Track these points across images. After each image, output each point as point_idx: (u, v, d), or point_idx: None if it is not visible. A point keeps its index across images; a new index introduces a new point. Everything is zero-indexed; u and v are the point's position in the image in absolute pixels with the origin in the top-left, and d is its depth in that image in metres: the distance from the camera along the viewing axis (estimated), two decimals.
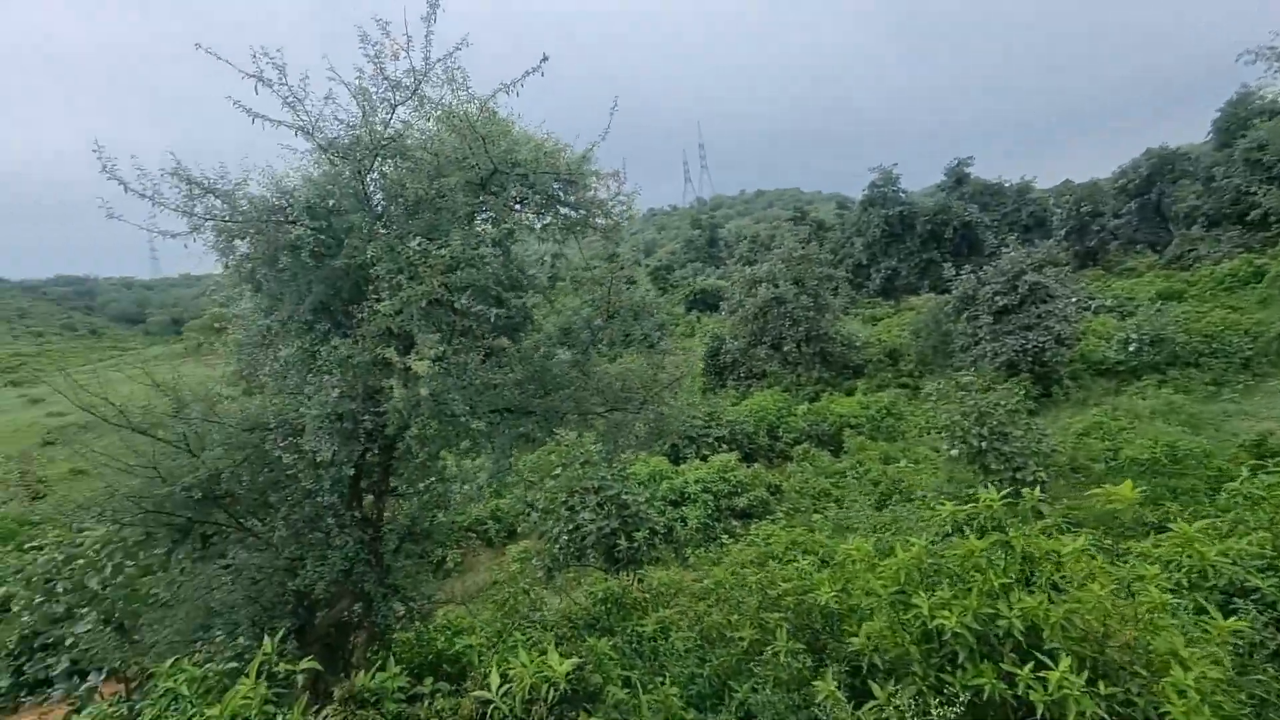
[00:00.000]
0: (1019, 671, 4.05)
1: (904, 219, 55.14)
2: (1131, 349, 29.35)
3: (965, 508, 5.01)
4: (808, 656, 6.36)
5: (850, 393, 34.46)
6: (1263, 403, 24.27)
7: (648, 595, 9.60)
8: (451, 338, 5.80)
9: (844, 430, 28.41)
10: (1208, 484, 15.90)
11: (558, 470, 16.61)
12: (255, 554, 7.32)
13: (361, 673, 4.84)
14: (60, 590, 7.81)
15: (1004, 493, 4.83)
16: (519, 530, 24.31)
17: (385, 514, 7.73)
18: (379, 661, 7.87)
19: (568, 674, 4.54)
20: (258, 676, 4.40)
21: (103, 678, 7.63)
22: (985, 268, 32.25)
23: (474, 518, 24.98)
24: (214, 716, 4.32)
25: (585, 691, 5.12)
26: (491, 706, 4.37)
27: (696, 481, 23.82)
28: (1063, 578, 4.92)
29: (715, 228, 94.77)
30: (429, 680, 5.71)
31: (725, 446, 27.47)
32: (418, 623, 8.29)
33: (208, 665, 5.92)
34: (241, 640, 6.75)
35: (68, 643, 7.43)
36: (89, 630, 7.32)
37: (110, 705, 7.00)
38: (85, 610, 7.46)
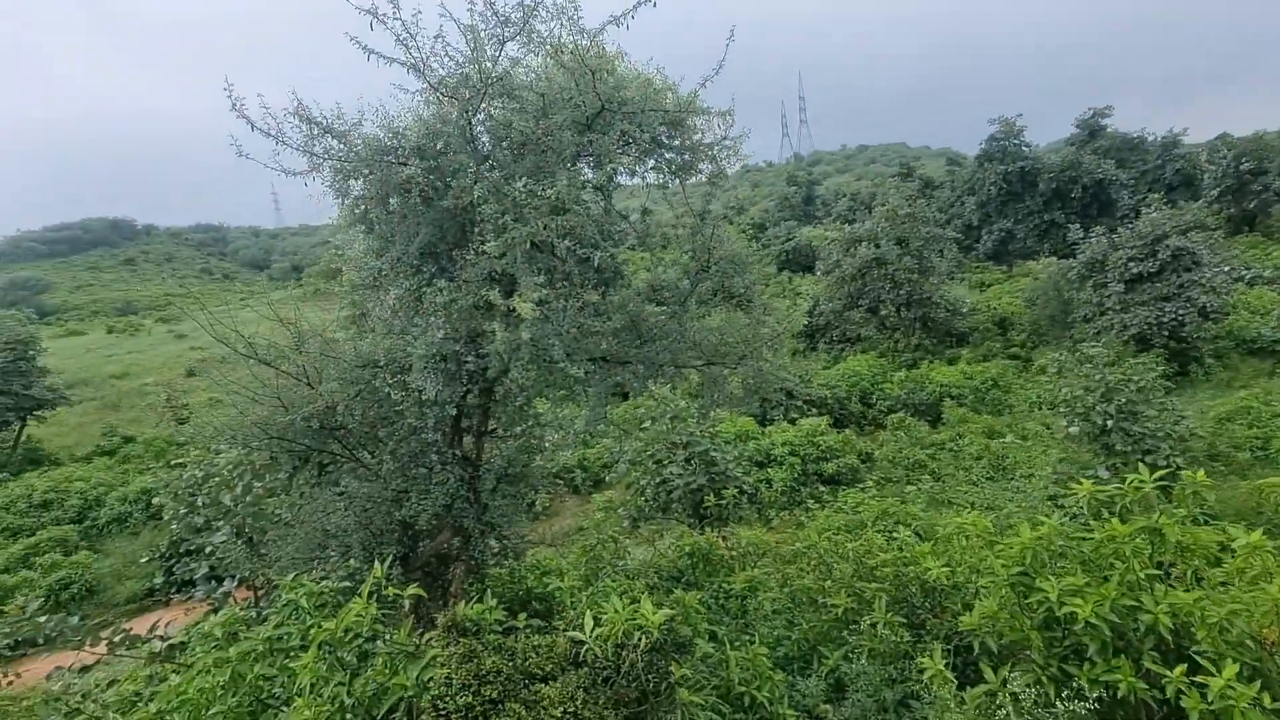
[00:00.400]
0: (1166, 673, 3.62)
1: (1025, 176, 50.55)
2: None
3: (1107, 488, 4.49)
4: (905, 631, 6.08)
5: (952, 362, 32.53)
6: None
7: (734, 553, 9.52)
8: (553, 283, 5.73)
9: (944, 401, 26.95)
10: None
11: (647, 423, 16.69)
12: (366, 484, 7.75)
13: (461, 603, 5.01)
14: (200, 504, 8.67)
15: (1158, 474, 4.28)
16: (605, 479, 24.87)
17: (484, 454, 7.96)
18: (476, 594, 8.27)
19: (660, 624, 4.49)
20: (368, 598, 4.62)
21: (235, 584, 8.42)
22: (1119, 230, 29.12)
23: (562, 465, 25.76)
24: (329, 629, 4.60)
25: (675, 642, 5.09)
26: (585, 648, 4.40)
27: (784, 444, 23.38)
28: (1208, 576, 4.36)
29: (813, 185, 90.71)
30: (522, 616, 5.87)
31: (815, 411, 26.75)
32: (511, 560, 8.60)
33: (324, 582, 6.36)
34: (353, 562, 7.20)
35: (206, 551, 8.26)
36: (224, 541, 8.11)
37: (241, 609, 7.73)
38: (220, 524, 8.27)
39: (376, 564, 4.85)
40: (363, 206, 6.39)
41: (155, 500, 10.14)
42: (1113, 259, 28.19)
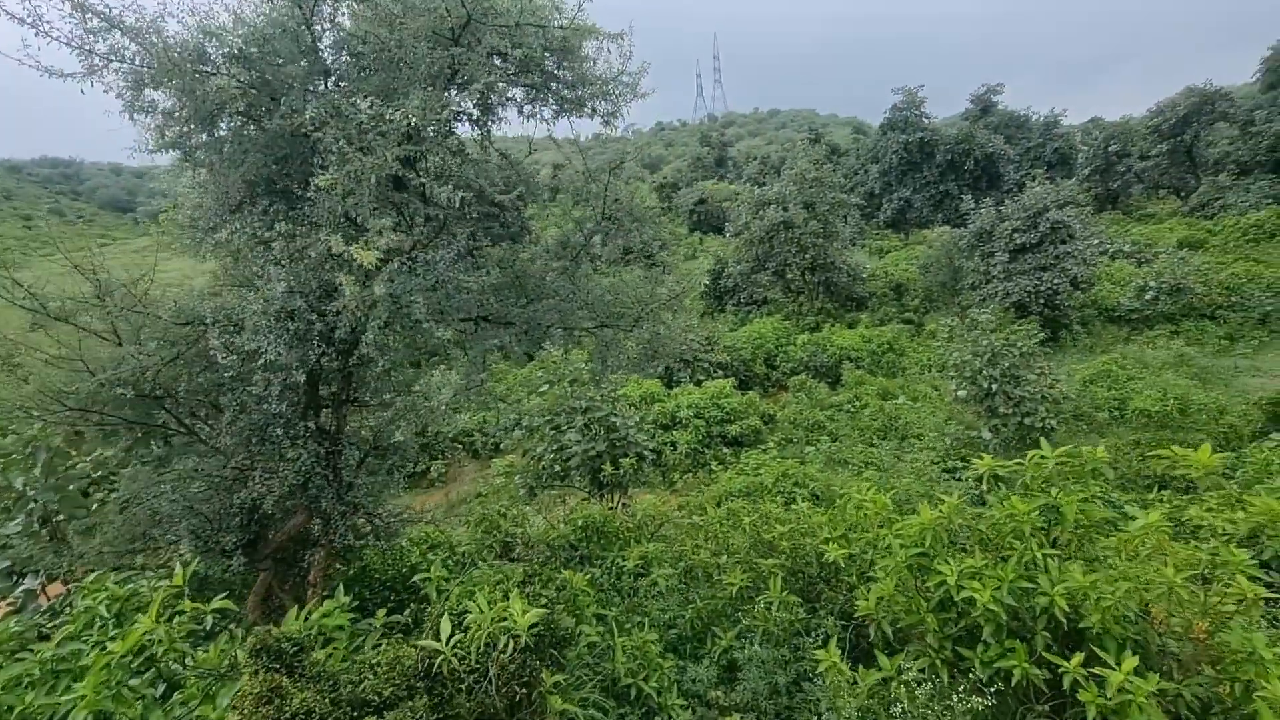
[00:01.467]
0: (1063, 664, 3.41)
1: (924, 146, 52.51)
2: (1148, 297, 28.36)
3: (1007, 464, 4.26)
4: (800, 608, 5.83)
5: (852, 325, 33.62)
6: (1276, 360, 23.58)
7: (631, 525, 9.10)
8: (412, 229, 4.85)
9: (843, 363, 27.78)
10: (1216, 441, 15.40)
11: (543, 387, 15.94)
12: (203, 460, 6.65)
13: (293, 611, 4.20)
14: None
15: (1059, 451, 4.07)
16: (503, 446, 24.03)
17: (346, 426, 7.01)
18: (340, 579, 7.39)
19: (530, 626, 3.90)
20: (160, 612, 3.73)
21: (42, 580, 7.12)
22: (1006, 203, 30.70)
23: (460, 429, 24.63)
24: (111, 653, 3.69)
25: (554, 637, 4.53)
26: (440, 659, 3.75)
27: (689, 406, 23.34)
28: (1100, 554, 4.26)
29: (725, 146, 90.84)
30: (380, 613, 5.13)
31: (721, 372, 26.88)
32: (384, 540, 7.76)
33: (135, 582, 5.34)
34: (185, 554, 6.15)
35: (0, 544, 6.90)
36: (18, 532, 6.76)
37: (45, 611, 6.50)
38: (14, 511, 6.89)
39: (179, 566, 3.94)
40: (173, 129, 5.17)
41: None
42: (1000, 229, 29.71)
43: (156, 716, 3.77)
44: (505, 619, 4.04)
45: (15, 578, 7.02)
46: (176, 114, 5.04)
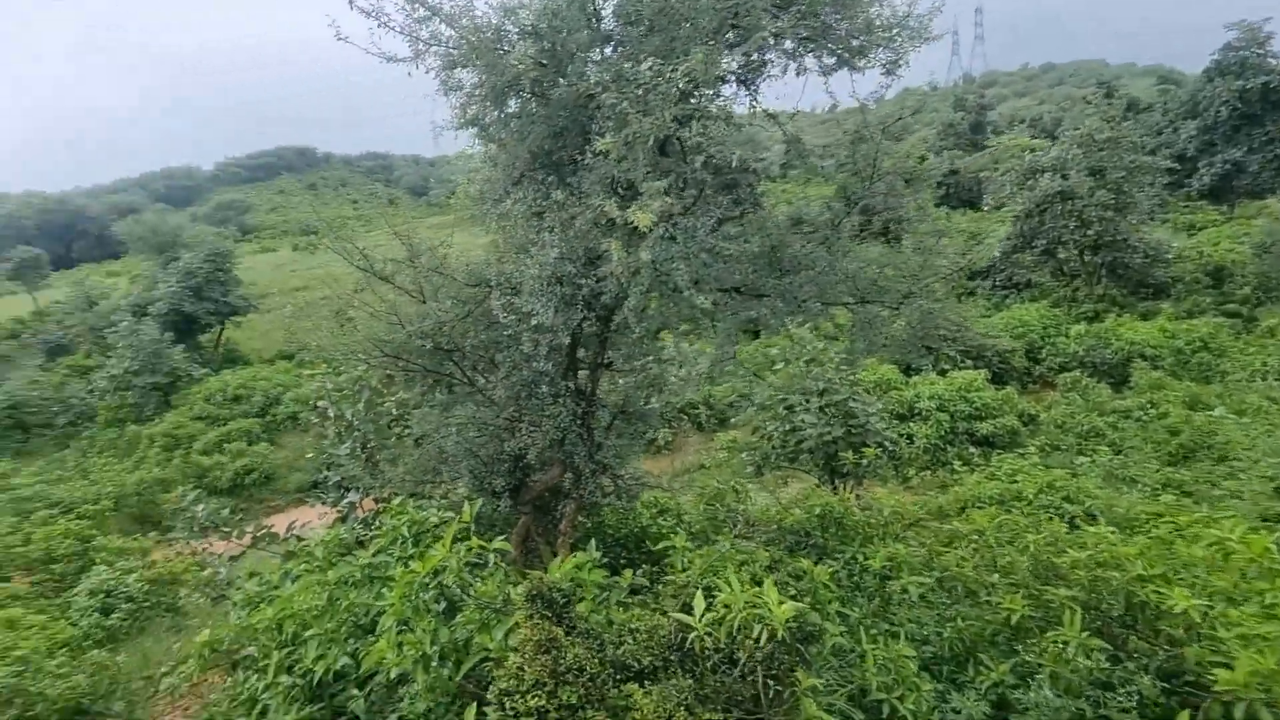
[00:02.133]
0: None
1: (1268, 94, 40.92)
2: None
3: None
4: (1101, 654, 4.78)
5: (1147, 316, 27.75)
6: None
7: (873, 520, 8.38)
8: (681, 193, 4.75)
9: (1133, 361, 23.08)
10: None
11: (779, 365, 15.46)
12: (479, 409, 7.44)
13: (560, 557, 4.43)
14: (331, 415, 8.96)
15: None
16: (730, 420, 24.11)
17: (599, 389, 7.35)
18: (585, 533, 7.86)
19: (786, 620, 3.62)
20: (453, 543, 4.13)
21: (361, 495, 8.64)
22: None
23: (687, 401, 25.24)
24: (414, 573, 4.19)
25: (803, 631, 4.22)
26: (693, 634, 3.65)
27: (931, 397, 21.19)
28: None
29: (984, 109, 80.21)
30: (627, 574, 5.25)
31: (970, 363, 23.98)
32: (624, 501, 8.09)
33: (430, 510, 6.13)
34: (462, 490, 6.97)
35: (336, 463, 8.53)
36: (347, 454, 8.32)
37: (355, 526, 7.86)
38: (343, 438, 8.49)
39: (467, 505, 4.35)
40: (474, 106, 5.69)
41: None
42: None
43: (444, 633, 4.22)
44: (758, 606, 3.81)
45: (343, 491, 8.62)
46: (476, 92, 5.52)
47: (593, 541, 5.45)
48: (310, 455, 25.29)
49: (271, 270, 64.18)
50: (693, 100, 4.33)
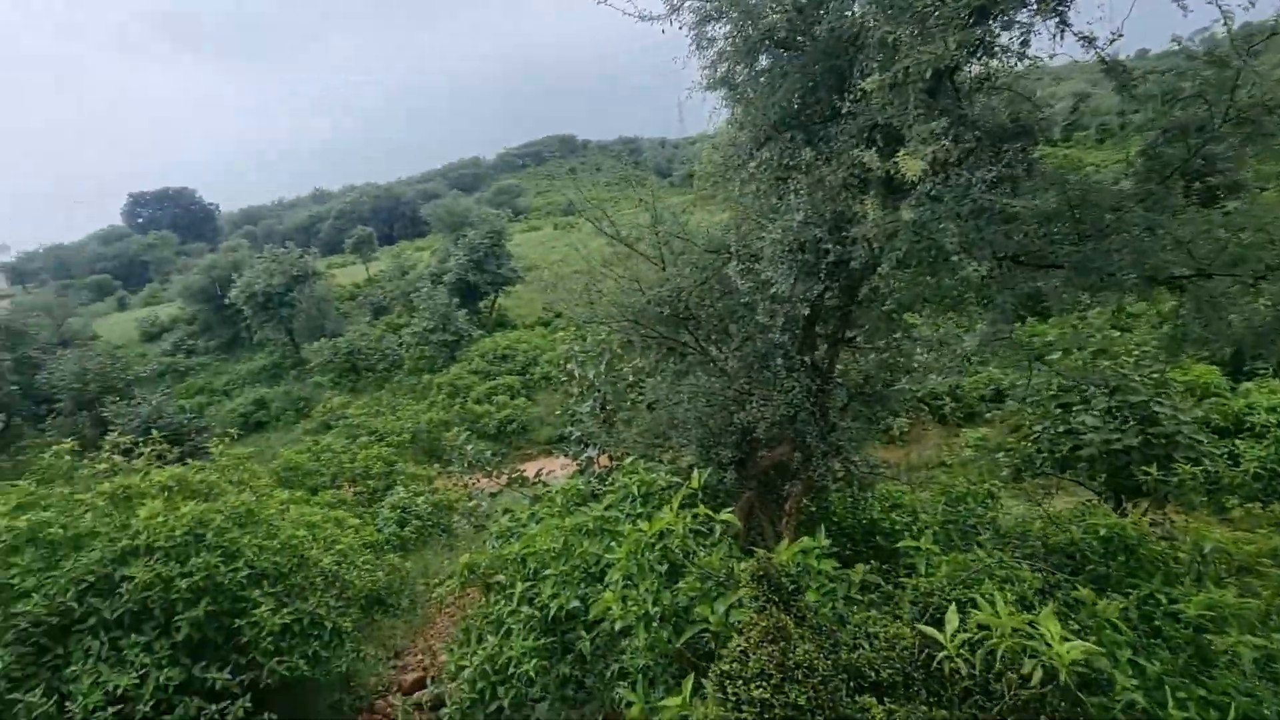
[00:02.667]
0: None
1: None
2: None
3: None
4: None
5: None
6: None
7: (1184, 554, 6.67)
8: (957, 139, 4.04)
9: None
10: None
11: (1053, 356, 13.08)
12: (711, 379, 7.40)
13: (784, 540, 4.15)
14: (576, 375, 9.69)
15: None
16: (982, 414, 21.38)
17: (837, 366, 6.82)
18: (813, 517, 7.45)
19: (1071, 663, 2.93)
20: (680, 509, 4.08)
21: (598, 451, 9.23)
22: None
23: (929, 390, 22.84)
24: (642, 532, 4.24)
25: (1086, 677, 3.43)
26: (942, 654, 3.13)
27: (1272, 409, 16.35)
28: None
29: None
30: (859, 568, 4.78)
31: None
32: (855, 489, 7.50)
33: (659, 472, 6.24)
34: (688, 458, 7.00)
35: (577, 417, 9.22)
36: (587, 412, 8.92)
37: (595, 476, 8.36)
38: (585, 397, 9.12)
39: (695, 473, 4.27)
40: (724, 65, 5.49)
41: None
42: None
43: (665, 596, 4.22)
44: (1032, 637, 3.15)
45: (583, 445, 9.28)
46: (728, 48, 5.31)
47: (821, 527, 5.06)
48: (558, 412, 28.13)
49: (536, 246, 72.08)
50: (989, 23, 3.60)
